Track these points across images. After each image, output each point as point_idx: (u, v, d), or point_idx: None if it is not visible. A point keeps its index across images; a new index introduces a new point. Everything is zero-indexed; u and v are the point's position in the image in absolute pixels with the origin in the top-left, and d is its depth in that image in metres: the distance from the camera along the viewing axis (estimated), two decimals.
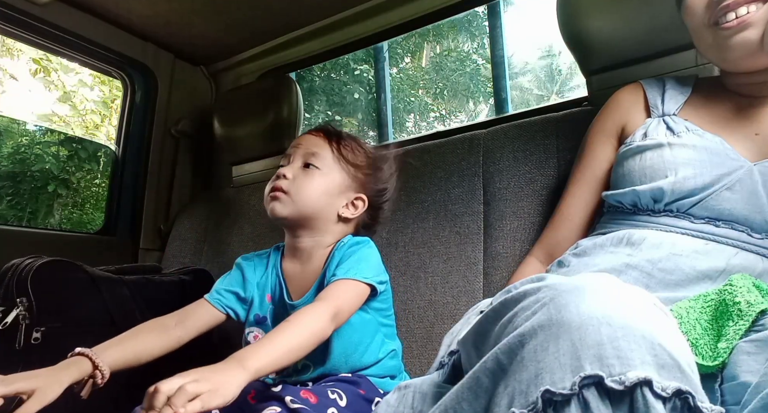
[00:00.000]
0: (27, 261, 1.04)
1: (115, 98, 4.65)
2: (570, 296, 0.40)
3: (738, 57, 0.70)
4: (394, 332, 0.98)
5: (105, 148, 4.95)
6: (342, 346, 0.86)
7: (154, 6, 1.47)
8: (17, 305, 0.97)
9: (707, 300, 0.55)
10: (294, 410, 0.71)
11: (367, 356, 0.89)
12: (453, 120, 8.98)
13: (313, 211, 0.90)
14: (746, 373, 0.46)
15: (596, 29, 1.02)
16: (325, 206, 0.91)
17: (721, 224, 0.68)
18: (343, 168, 0.92)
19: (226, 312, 0.91)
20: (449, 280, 1.09)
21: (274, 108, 1.52)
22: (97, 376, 0.74)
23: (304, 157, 0.91)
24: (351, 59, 7.08)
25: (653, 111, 0.81)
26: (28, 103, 5.12)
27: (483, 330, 0.49)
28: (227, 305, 0.92)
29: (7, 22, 1.38)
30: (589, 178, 0.87)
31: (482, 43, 8.59)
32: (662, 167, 0.72)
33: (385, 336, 0.93)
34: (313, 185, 0.89)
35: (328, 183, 0.91)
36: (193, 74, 1.82)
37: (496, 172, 1.11)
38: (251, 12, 1.50)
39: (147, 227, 1.69)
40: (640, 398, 0.35)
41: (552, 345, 0.38)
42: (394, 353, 0.94)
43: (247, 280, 0.95)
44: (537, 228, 1.02)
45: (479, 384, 0.42)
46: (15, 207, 3.75)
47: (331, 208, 0.91)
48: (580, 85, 7.07)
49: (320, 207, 0.90)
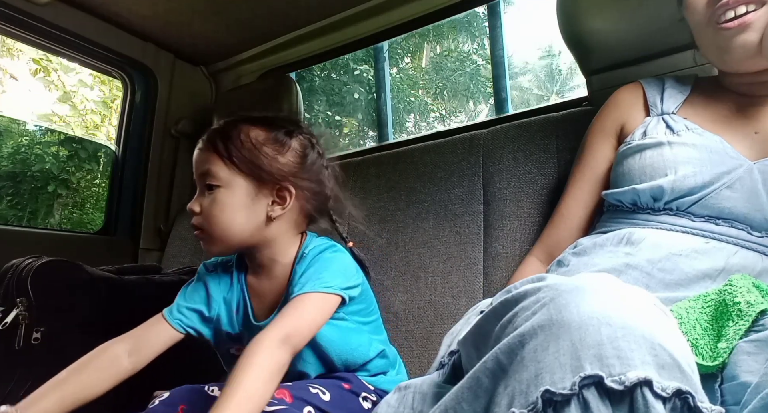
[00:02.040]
0: (27, 261, 1.04)
1: (115, 98, 4.65)
2: (570, 296, 0.40)
3: (737, 59, 0.71)
4: (380, 326, 0.92)
5: (105, 148, 4.96)
6: (324, 359, 0.83)
7: (154, 6, 1.47)
8: (17, 305, 0.97)
9: (707, 300, 0.55)
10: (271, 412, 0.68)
11: (354, 359, 0.85)
12: (453, 120, 8.98)
13: (239, 235, 0.79)
14: (746, 373, 0.46)
15: (596, 29, 1.02)
16: (248, 221, 0.79)
17: (721, 222, 0.68)
18: (243, 170, 0.79)
19: (185, 332, 0.83)
20: (449, 280, 1.09)
21: (274, 108, 1.52)
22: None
23: (202, 179, 0.80)
24: (351, 59, 7.08)
25: (652, 109, 0.81)
26: (28, 103, 5.12)
27: (483, 330, 0.49)
28: (188, 325, 0.83)
29: (7, 22, 1.38)
30: (588, 177, 0.87)
31: (482, 43, 8.59)
32: (662, 166, 0.72)
33: (371, 333, 0.88)
34: (220, 208, 0.78)
35: (237, 196, 0.79)
36: (193, 74, 1.82)
37: (496, 172, 1.11)
38: (251, 12, 1.50)
39: (147, 227, 1.69)
40: (640, 398, 0.35)
41: (552, 345, 0.38)
42: (384, 351, 0.89)
43: (212, 297, 0.85)
44: (537, 228, 1.02)
45: (479, 384, 0.42)
46: (15, 207, 3.75)
47: (256, 218, 0.80)
48: (580, 85, 7.06)
49: (243, 226, 0.79)
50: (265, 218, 0.80)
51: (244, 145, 0.79)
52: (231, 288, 0.87)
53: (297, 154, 0.83)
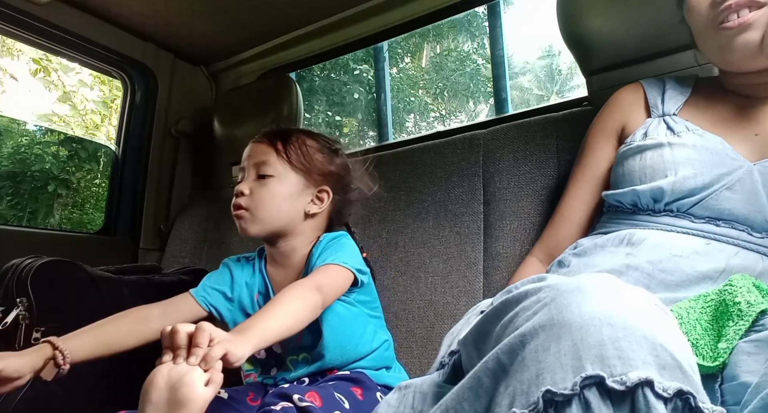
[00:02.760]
0: (27, 261, 1.04)
1: (115, 98, 4.65)
2: (571, 296, 0.40)
3: (739, 58, 0.71)
4: (384, 324, 0.99)
5: (105, 148, 4.96)
6: (336, 339, 0.86)
7: (154, 6, 1.47)
8: (17, 305, 0.97)
9: (707, 300, 0.55)
10: (303, 408, 0.70)
11: (361, 346, 0.89)
12: (453, 120, 8.98)
13: (279, 220, 0.90)
14: (746, 373, 0.46)
15: (596, 29, 1.02)
16: (290, 210, 0.91)
17: (721, 224, 0.69)
18: (296, 167, 0.92)
19: (209, 309, 0.91)
20: (449, 280, 1.09)
21: (274, 108, 1.52)
22: (57, 357, 0.74)
23: (256, 169, 0.91)
24: (351, 59, 7.08)
25: (653, 111, 0.81)
26: (28, 103, 5.12)
27: (484, 330, 0.49)
28: (212, 303, 0.92)
29: (7, 22, 1.38)
30: (589, 177, 0.87)
31: (482, 43, 8.59)
32: (662, 167, 0.72)
33: (377, 327, 0.94)
34: (271, 195, 0.89)
35: (286, 187, 0.91)
36: (193, 74, 1.82)
37: (496, 172, 1.11)
38: (251, 12, 1.50)
39: (147, 227, 1.69)
40: (642, 398, 0.35)
41: (553, 345, 0.38)
42: (388, 344, 0.95)
43: (235, 281, 0.95)
44: (537, 228, 1.02)
45: (480, 384, 0.42)
46: (15, 207, 3.75)
47: (296, 210, 0.92)
48: (580, 85, 7.07)
49: (285, 213, 0.91)
50: (303, 213, 0.92)
51: (300, 148, 0.93)
52: (253, 276, 0.96)
53: (340, 167, 0.97)
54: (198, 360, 0.55)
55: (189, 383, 0.54)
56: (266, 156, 0.91)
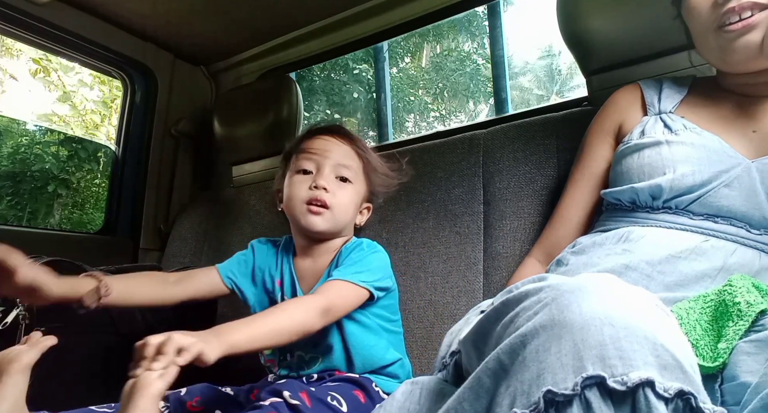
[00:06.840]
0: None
1: (115, 98, 4.65)
2: (572, 296, 0.40)
3: (739, 60, 0.71)
4: (402, 343, 0.99)
5: (105, 148, 4.95)
6: (358, 346, 0.87)
7: (154, 6, 1.47)
8: (17, 305, 0.97)
9: (707, 300, 0.55)
10: (293, 406, 0.71)
11: (375, 357, 0.90)
12: (453, 120, 8.98)
13: (344, 225, 0.94)
14: (746, 373, 0.46)
15: (596, 29, 1.02)
16: (353, 218, 0.96)
17: (719, 220, 0.69)
18: (365, 180, 0.96)
19: (231, 287, 0.94)
20: (449, 280, 1.09)
21: (274, 108, 1.52)
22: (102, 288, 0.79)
23: (336, 170, 0.92)
24: (351, 59, 7.08)
25: (650, 109, 0.82)
26: (28, 103, 5.12)
27: (484, 330, 0.49)
28: (236, 283, 0.94)
29: (7, 22, 1.38)
30: (587, 177, 0.87)
31: (482, 43, 8.58)
32: (660, 165, 0.72)
33: (391, 344, 0.93)
34: (349, 200, 0.92)
35: (357, 197, 0.95)
36: (193, 74, 1.82)
37: (496, 172, 1.11)
38: (251, 12, 1.50)
39: (147, 227, 1.69)
40: (642, 399, 0.35)
41: (554, 345, 0.38)
42: (401, 363, 0.94)
43: (258, 266, 0.97)
44: (537, 228, 1.02)
45: (481, 385, 0.42)
46: (15, 207, 3.74)
47: (353, 219, 0.97)
48: (580, 85, 7.07)
49: (350, 220, 0.95)
50: (354, 222, 0.98)
51: (372, 162, 0.98)
52: (278, 263, 0.98)
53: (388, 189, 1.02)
54: (161, 366, 0.55)
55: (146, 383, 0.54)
56: (350, 160, 0.94)
